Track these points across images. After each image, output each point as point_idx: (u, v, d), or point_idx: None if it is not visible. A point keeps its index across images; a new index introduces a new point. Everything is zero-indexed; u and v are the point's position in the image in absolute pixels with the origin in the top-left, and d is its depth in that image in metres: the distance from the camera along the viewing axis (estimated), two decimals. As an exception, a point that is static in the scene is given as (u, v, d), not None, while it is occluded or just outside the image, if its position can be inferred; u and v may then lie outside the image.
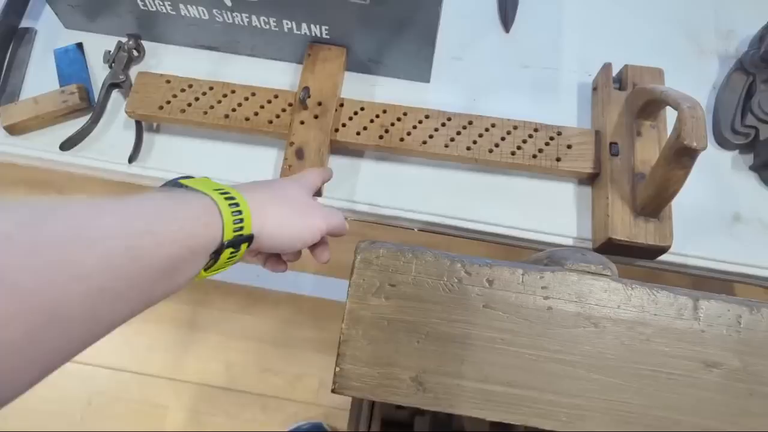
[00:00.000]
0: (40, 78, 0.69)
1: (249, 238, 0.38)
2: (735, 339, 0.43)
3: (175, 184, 0.39)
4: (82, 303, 0.26)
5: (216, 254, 0.36)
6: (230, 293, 1.30)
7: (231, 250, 0.37)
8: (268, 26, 0.65)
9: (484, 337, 0.43)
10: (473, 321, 0.43)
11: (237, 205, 0.37)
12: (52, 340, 0.25)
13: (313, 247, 0.49)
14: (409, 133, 0.63)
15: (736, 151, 0.66)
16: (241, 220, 0.37)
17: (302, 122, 0.62)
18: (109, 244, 0.28)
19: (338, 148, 0.65)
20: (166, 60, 0.70)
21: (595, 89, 0.67)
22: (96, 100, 0.66)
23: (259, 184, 0.45)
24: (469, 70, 0.70)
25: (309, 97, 0.62)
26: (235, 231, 0.37)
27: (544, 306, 0.44)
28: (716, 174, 0.64)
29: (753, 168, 0.65)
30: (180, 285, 0.34)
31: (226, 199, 0.37)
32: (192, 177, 0.41)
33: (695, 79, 0.69)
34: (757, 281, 0.62)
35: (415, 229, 0.66)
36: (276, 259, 0.50)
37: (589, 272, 0.45)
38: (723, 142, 0.66)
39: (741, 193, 0.64)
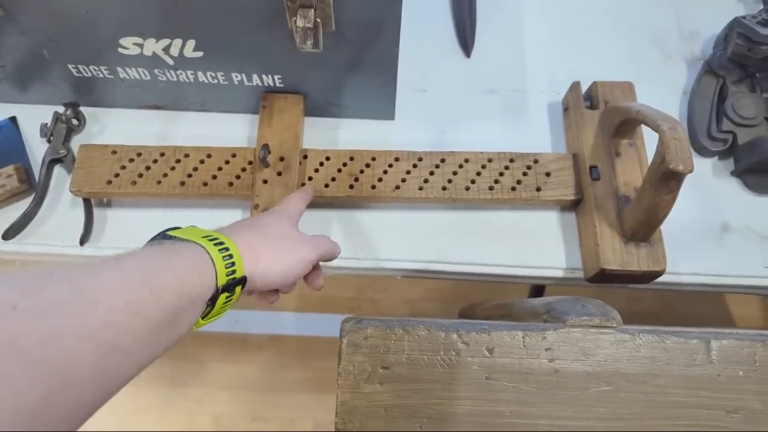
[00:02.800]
0: (-29, 160, 0.63)
1: (242, 281, 0.38)
2: (753, 379, 0.41)
3: (164, 236, 0.39)
4: (92, 362, 0.27)
5: (212, 300, 0.36)
6: (210, 342, 1.25)
7: (226, 294, 0.37)
8: (216, 81, 0.60)
9: (491, 412, 0.40)
10: (477, 396, 0.40)
11: (227, 249, 0.37)
12: (67, 402, 0.26)
13: (305, 276, 0.48)
14: (380, 179, 0.59)
15: (715, 158, 0.64)
16: (233, 264, 0.37)
17: (265, 181, 0.58)
18: (110, 301, 0.28)
19: (307, 203, 0.61)
20: (109, 126, 0.65)
21: (566, 110, 0.65)
22: (37, 179, 0.61)
23: (244, 223, 0.45)
24: (435, 102, 0.67)
25: (269, 153, 0.58)
26: (228, 275, 0.37)
27: (551, 369, 0.41)
28: (698, 184, 0.62)
29: (735, 174, 0.63)
30: (181, 335, 0.34)
31: (216, 244, 0.37)
32: (179, 227, 0.40)
33: (665, 87, 0.68)
34: (752, 290, 0.61)
35: (399, 277, 0.62)
36: (269, 292, 0.47)
37: (592, 326, 0.42)
38: (701, 150, 0.64)
39: (726, 201, 0.62)
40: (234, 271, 0.37)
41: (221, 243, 0.37)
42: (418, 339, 0.41)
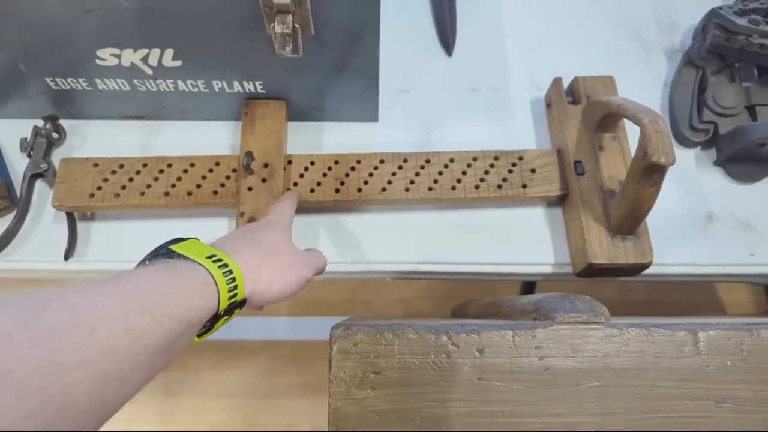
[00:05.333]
0: (-49, 178, 0.62)
1: (242, 303, 0.39)
2: (740, 368, 0.41)
3: (166, 251, 0.37)
4: (90, 390, 0.26)
5: (210, 323, 0.36)
6: (202, 351, 1.24)
7: (225, 317, 0.37)
8: (196, 89, 0.60)
9: (483, 412, 0.40)
10: (470, 397, 0.40)
11: (231, 272, 0.37)
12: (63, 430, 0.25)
13: None
14: (366, 182, 0.59)
15: (698, 148, 0.65)
16: (235, 287, 0.37)
17: (250, 188, 0.58)
18: (108, 327, 0.28)
19: (293, 208, 0.60)
20: (90, 138, 0.64)
21: (548, 105, 0.65)
22: (18, 195, 0.60)
23: (243, 238, 0.43)
24: (418, 102, 0.67)
25: (253, 160, 0.58)
26: (229, 299, 0.36)
27: (541, 367, 0.41)
28: (682, 175, 0.63)
29: (717, 163, 0.63)
30: (176, 356, 0.33)
31: (220, 267, 0.36)
32: (181, 240, 0.39)
33: (646, 79, 0.68)
34: (738, 278, 0.61)
35: (389, 279, 0.62)
36: None
37: (581, 322, 0.42)
38: (683, 141, 0.64)
39: (710, 191, 0.63)
40: (235, 295, 0.37)
41: (225, 265, 0.37)
42: (408, 342, 0.41)
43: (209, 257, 0.37)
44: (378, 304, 1.27)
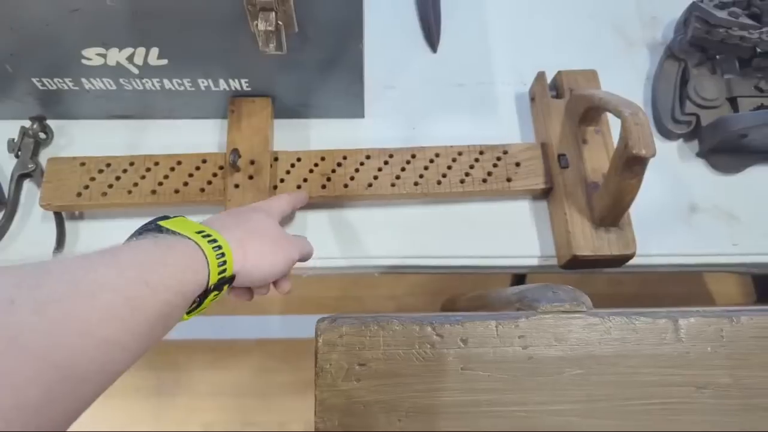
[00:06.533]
0: (-62, 180, 0.62)
1: (231, 279, 0.39)
2: (720, 354, 0.42)
3: (156, 227, 0.38)
4: (92, 357, 0.27)
5: (200, 298, 0.37)
6: (194, 350, 1.24)
7: (215, 292, 0.38)
8: (183, 87, 0.60)
9: (468, 402, 0.40)
10: (454, 387, 0.41)
11: (220, 247, 0.37)
12: (67, 397, 0.26)
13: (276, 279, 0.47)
14: (352, 178, 0.59)
15: (680, 140, 0.65)
16: (224, 263, 0.37)
17: (237, 186, 0.58)
18: (108, 296, 0.28)
19: (281, 205, 0.61)
20: (78, 138, 0.64)
21: (533, 100, 0.66)
22: (6, 195, 0.60)
23: (231, 219, 0.44)
24: (403, 98, 0.67)
25: (240, 157, 0.58)
26: (219, 274, 0.37)
27: (525, 356, 0.41)
28: (665, 167, 0.64)
29: (700, 155, 0.64)
30: (169, 330, 0.34)
31: (209, 242, 0.37)
32: (168, 217, 0.40)
33: (629, 73, 0.69)
34: (722, 268, 0.62)
35: (376, 274, 0.63)
36: (244, 289, 0.47)
37: (563, 311, 0.42)
38: (666, 133, 0.65)
39: (693, 182, 0.63)
40: (225, 270, 0.37)
41: (214, 240, 0.37)
42: (393, 334, 0.42)
43: (198, 232, 0.37)
44: (369, 301, 1.28)
